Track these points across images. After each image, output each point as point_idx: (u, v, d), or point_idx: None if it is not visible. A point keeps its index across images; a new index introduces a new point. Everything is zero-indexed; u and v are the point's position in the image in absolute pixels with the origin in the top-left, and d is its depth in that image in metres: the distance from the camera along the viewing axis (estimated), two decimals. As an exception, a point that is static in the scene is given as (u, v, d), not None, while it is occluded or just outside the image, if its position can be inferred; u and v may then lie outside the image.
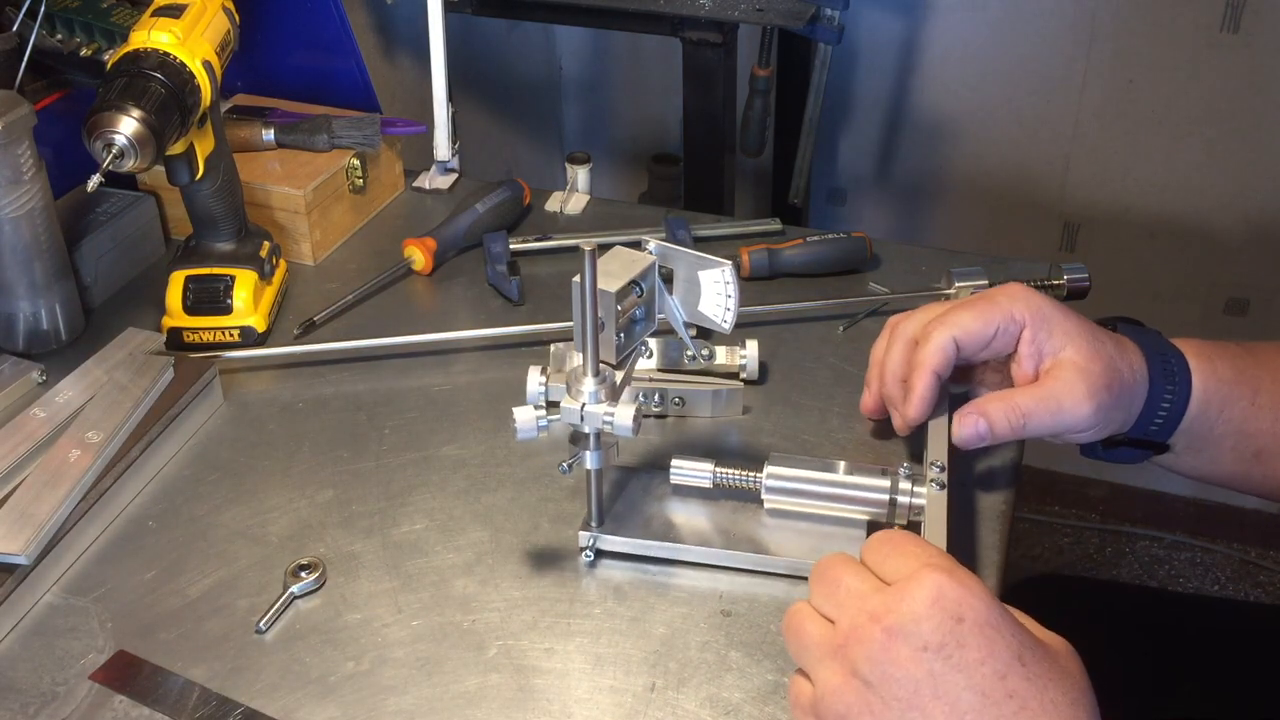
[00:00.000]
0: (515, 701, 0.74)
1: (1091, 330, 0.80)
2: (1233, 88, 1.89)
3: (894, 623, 0.57)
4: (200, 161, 1.01)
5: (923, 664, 0.56)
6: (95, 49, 1.12)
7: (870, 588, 0.59)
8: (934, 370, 0.81)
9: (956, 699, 0.55)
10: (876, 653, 0.57)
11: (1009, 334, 0.80)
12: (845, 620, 0.59)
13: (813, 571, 0.63)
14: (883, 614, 0.57)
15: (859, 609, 0.58)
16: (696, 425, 0.97)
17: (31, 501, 0.83)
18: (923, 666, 0.56)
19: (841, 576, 0.60)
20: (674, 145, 2.17)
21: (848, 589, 0.60)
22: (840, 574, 0.61)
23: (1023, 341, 0.80)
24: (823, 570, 0.62)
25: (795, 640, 0.62)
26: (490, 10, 1.68)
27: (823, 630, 0.60)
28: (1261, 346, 0.84)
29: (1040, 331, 0.79)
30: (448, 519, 0.88)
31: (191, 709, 0.74)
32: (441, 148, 1.29)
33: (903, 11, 1.99)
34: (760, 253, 1.13)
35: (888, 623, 0.57)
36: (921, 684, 0.56)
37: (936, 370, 0.81)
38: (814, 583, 0.62)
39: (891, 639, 0.57)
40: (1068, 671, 0.57)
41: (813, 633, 0.61)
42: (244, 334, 1.06)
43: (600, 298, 0.73)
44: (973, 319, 0.80)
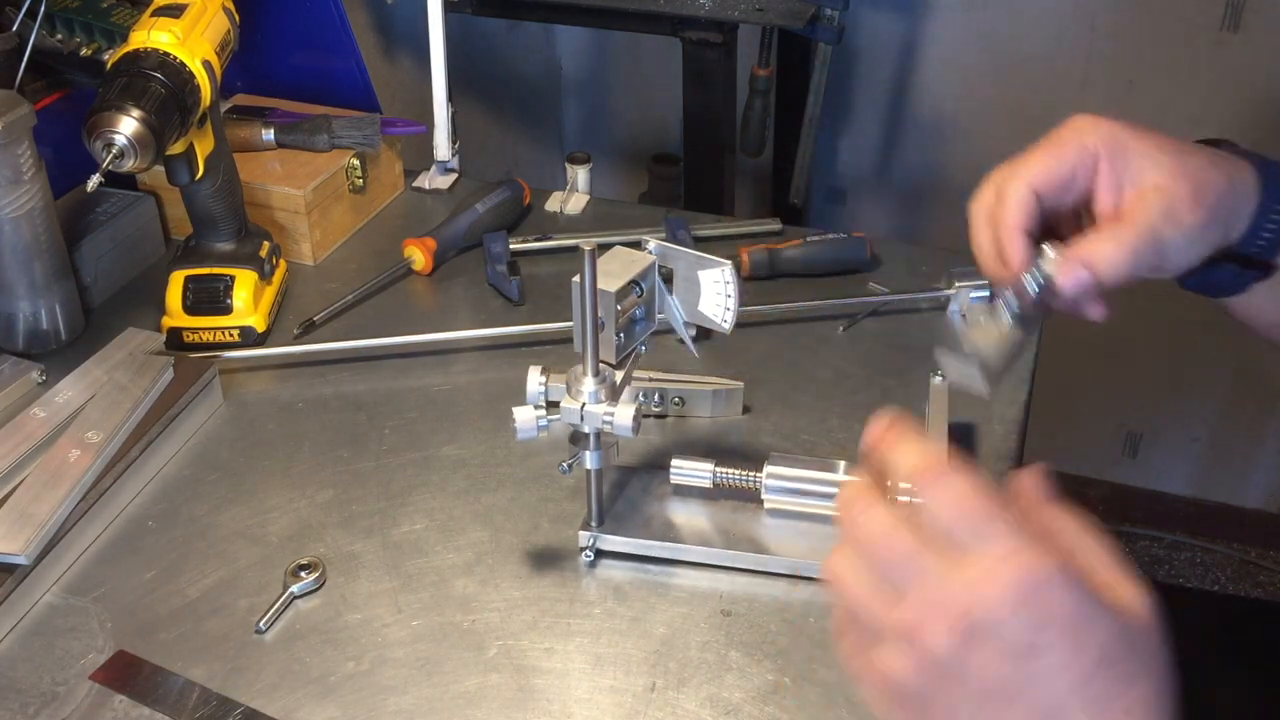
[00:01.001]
0: (515, 701, 0.74)
1: (1175, 146, 0.72)
2: (1233, 88, 1.89)
3: (974, 622, 0.50)
4: (200, 161, 1.01)
5: (1004, 666, 0.50)
6: (95, 49, 1.12)
7: (939, 564, 0.51)
8: (1019, 228, 0.72)
9: (1035, 703, 0.51)
10: (954, 650, 0.50)
11: (1087, 168, 0.72)
12: (912, 607, 0.52)
13: (847, 512, 0.54)
14: (959, 608, 0.50)
15: (929, 595, 0.51)
16: (696, 425, 0.97)
17: (31, 501, 0.83)
18: (1004, 668, 0.50)
19: (895, 540, 0.52)
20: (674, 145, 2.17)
21: (907, 558, 0.52)
22: (893, 537, 0.52)
23: (1100, 174, 0.72)
24: (867, 523, 0.53)
25: (844, 598, 0.54)
26: (490, 10, 1.68)
27: (882, 604, 0.53)
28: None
29: (1118, 160, 0.71)
30: (448, 519, 0.88)
31: (191, 709, 0.74)
32: (441, 148, 1.29)
33: (903, 11, 1.99)
34: (760, 253, 1.13)
35: (967, 622, 0.50)
36: (1002, 684, 0.51)
37: (1022, 227, 0.72)
38: (856, 534, 0.54)
39: (971, 639, 0.50)
40: (1149, 651, 0.52)
41: (869, 604, 0.53)
42: (244, 334, 1.06)
43: (600, 298, 0.73)
44: (1043, 159, 0.72)
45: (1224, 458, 2.21)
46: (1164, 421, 2.19)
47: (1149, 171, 0.71)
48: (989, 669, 0.50)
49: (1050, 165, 0.72)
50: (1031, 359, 1.03)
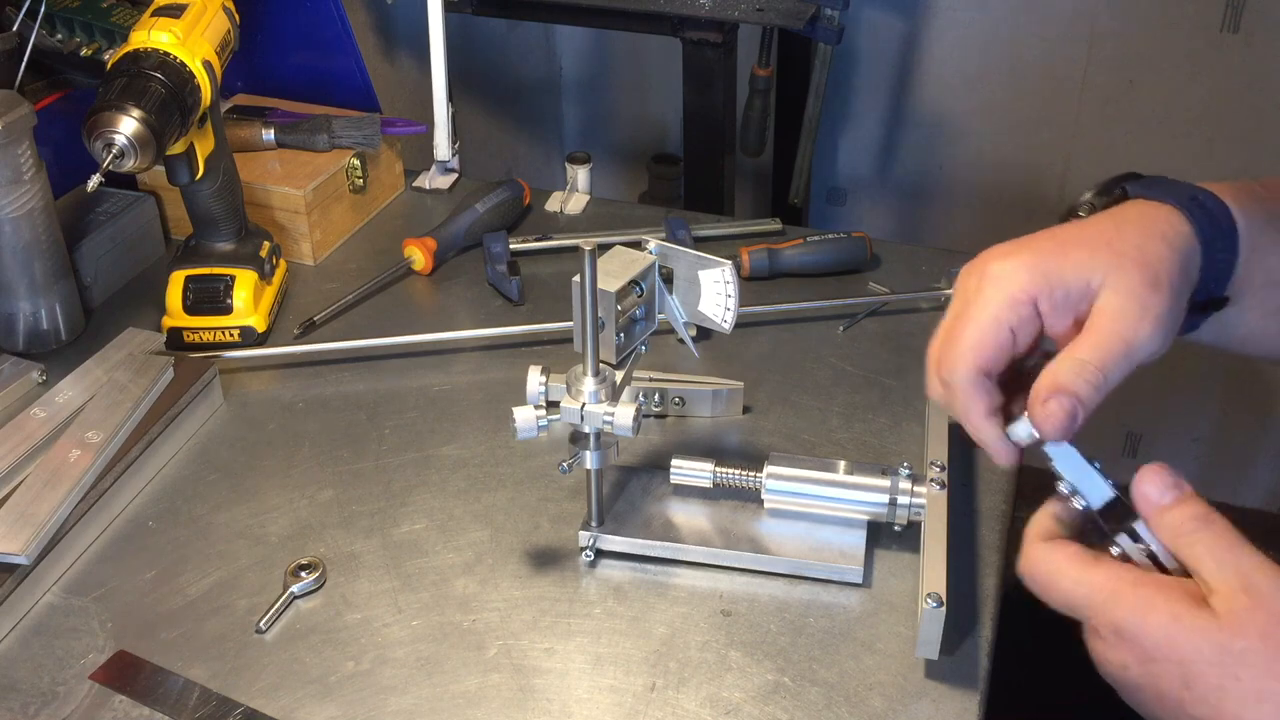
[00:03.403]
0: (515, 701, 0.74)
1: (1104, 236, 0.67)
2: (1233, 88, 1.89)
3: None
4: (200, 161, 1.01)
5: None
6: (95, 49, 1.12)
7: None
8: (986, 416, 0.67)
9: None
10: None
11: (1025, 319, 0.66)
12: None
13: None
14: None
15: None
16: (696, 425, 0.97)
17: (31, 501, 0.83)
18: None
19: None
20: (674, 145, 2.17)
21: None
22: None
23: (1045, 316, 0.67)
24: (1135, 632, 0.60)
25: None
26: (490, 10, 1.68)
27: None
28: (1275, 181, 0.75)
29: (1056, 291, 0.66)
30: (448, 519, 0.88)
31: (191, 709, 0.74)
32: (441, 148, 1.29)
33: (903, 11, 1.99)
34: (760, 253, 1.13)
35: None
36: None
37: (988, 413, 0.67)
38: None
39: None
40: (1243, 660, 0.57)
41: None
42: (244, 334, 1.06)
43: (600, 298, 0.73)
44: (977, 335, 0.66)
45: (1224, 458, 2.21)
46: (1164, 421, 2.19)
47: (1092, 282, 0.66)
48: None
49: (986, 338, 0.66)
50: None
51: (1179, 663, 0.58)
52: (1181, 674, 0.58)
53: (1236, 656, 0.57)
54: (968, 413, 0.67)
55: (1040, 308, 0.66)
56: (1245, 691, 0.57)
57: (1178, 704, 0.59)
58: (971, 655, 0.77)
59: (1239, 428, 2.17)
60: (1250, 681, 0.57)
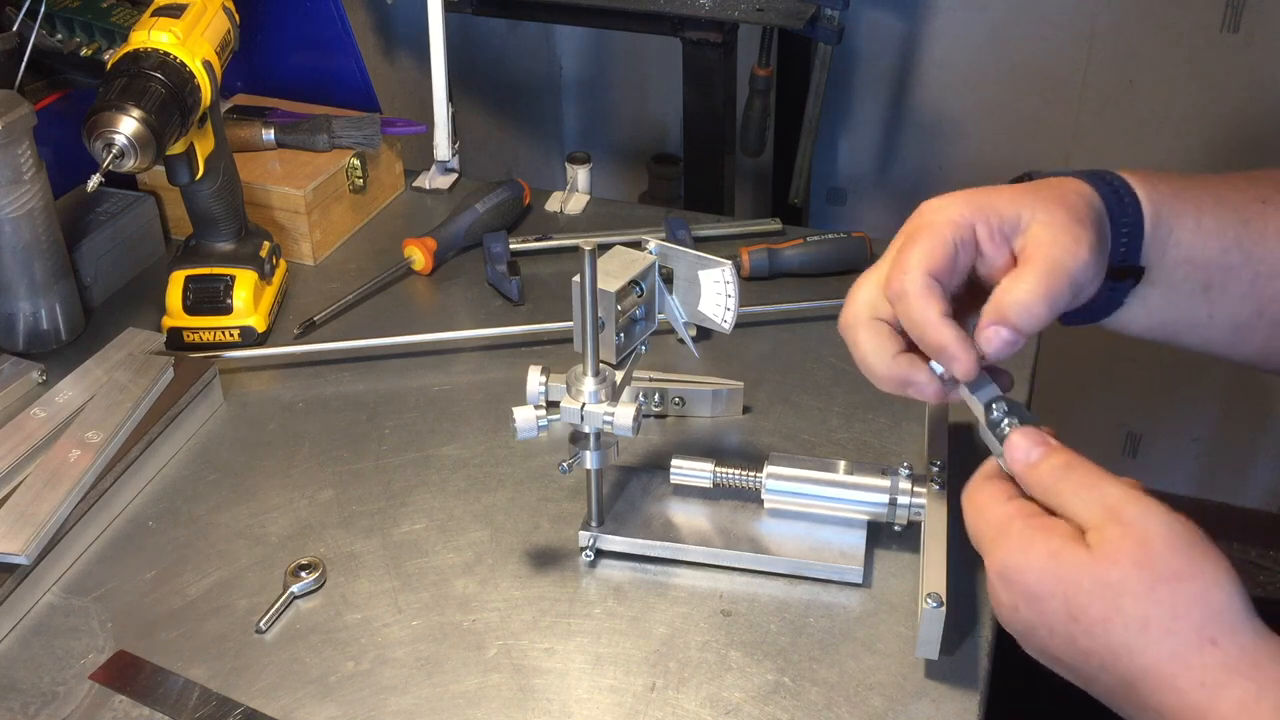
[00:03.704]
0: (515, 701, 0.74)
1: (1028, 186, 0.71)
2: (1233, 88, 1.89)
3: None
4: (200, 161, 1.01)
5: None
6: (95, 49, 1.12)
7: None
8: (942, 317, 0.67)
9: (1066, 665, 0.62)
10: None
11: (967, 241, 0.68)
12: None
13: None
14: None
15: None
16: (696, 425, 0.97)
17: (31, 501, 0.83)
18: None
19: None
20: (674, 145, 2.17)
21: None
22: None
23: (981, 240, 0.69)
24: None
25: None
26: (490, 10, 1.68)
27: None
28: (1192, 174, 0.77)
29: (992, 218, 0.68)
30: (448, 519, 0.88)
31: (191, 709, 0.74)
32: (441, 148, 1.29)
33: (903, 11, 1.99)
34: (760, 253, 1.13)
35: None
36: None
37: (945, 315, 0.67)
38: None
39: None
40: (1123, 588, 0.59)
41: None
42: (244, 334, 1.06)
43: (600, 298, 0.73)
44: (925, 246, 0.68)
45: (1224, 458, 2.21)
46: (1164, 421, 2.19)
47: (1024, 215, 0.68)
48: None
49: (935, 249, 0.68)
50: (1031, 360, 1.03)
51: (1063, 597, 0.60)
52: (1067, 608, 0.60)
53: (1116, 586, 0.58)
54: (925, 316, 0.67)
55: (978, 234, 0.69)
56: (1128, 620, 0.58)
57: (1068, 638, 0.60)
58: (971, 655, 0.77)
59: (1239, 428, 2.17)
60: (1132, 609, 0.58)
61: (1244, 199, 0.76)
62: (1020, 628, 0.63)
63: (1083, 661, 0.61)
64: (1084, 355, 2.07)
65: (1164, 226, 0.73)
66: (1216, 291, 0.75)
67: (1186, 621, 0.58)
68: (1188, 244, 0.74)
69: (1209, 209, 0.74)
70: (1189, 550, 0.59)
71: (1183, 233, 0.74)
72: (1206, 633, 0.57)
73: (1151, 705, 0.59)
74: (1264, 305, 0.76)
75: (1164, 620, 0.58)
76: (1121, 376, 2.15)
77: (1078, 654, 0.60)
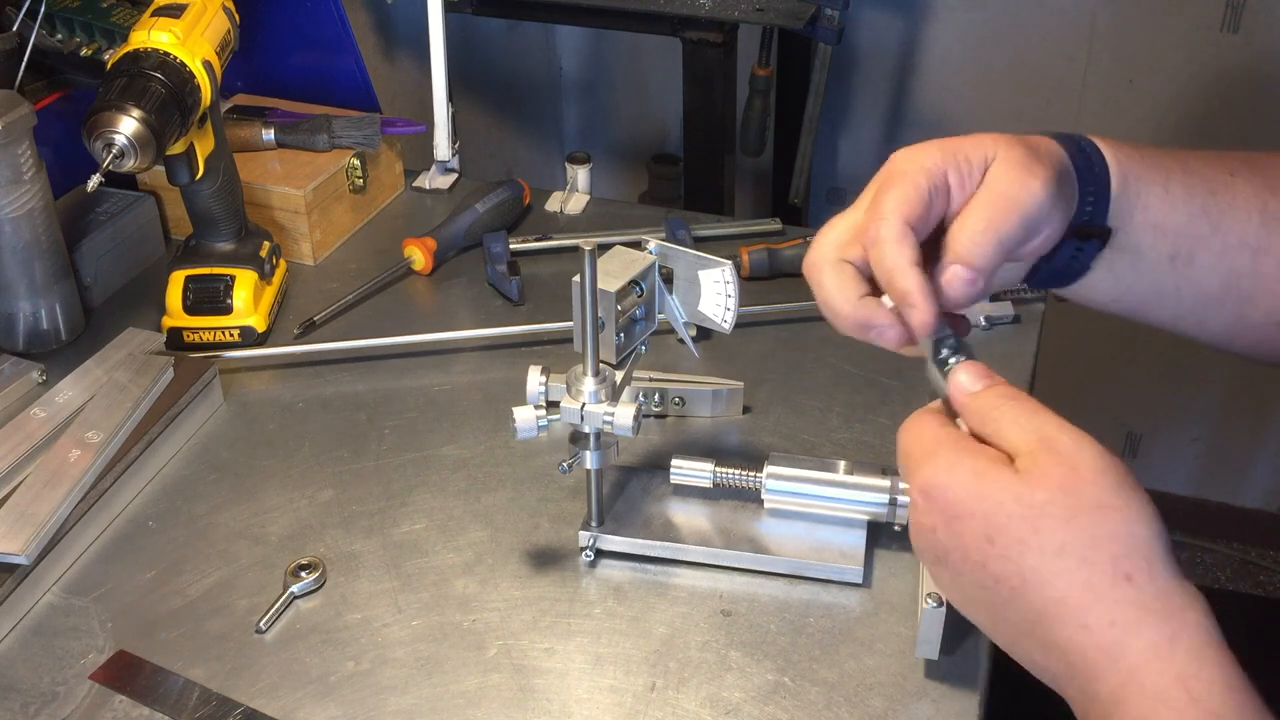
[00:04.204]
0: (515, 701, 0.74)
1: (998, 134, 0.70)
2: (1233, 88, 1.89)
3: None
4: (200, 161, 1.01)
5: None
6: (95, 49, 1.12)
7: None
8: (911, 262, 0.66)
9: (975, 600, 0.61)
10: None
11: (940, 188, 0.68)
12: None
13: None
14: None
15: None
16: (696, 425, 0.97)
17: (31, 501, 0.83)
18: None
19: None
20: (674, 145, 2.17)
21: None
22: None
23: (954, 187, 0.68)
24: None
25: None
26: (490, 10, 1.68)
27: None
28: (1162, 147, 0.77)
29: (961, 163, 0.68)
30: (448, 519, 0.88)
31: (191, 709, 0.74)
32: (441, 148, 1.29)
33: (903, 11, 1.99)
34: (760, 253, 1.13)
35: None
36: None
37: (913, 261, 0.66)
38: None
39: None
40: (1044, 512, 0.58)
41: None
42: (244, 334, 1.06)
43: (600, 298, 0.73)
44: (901, 191, 0.67)
45: (1224, 458, 2.21)
46: (1164, 421, 2.19)
47: (988, 153, 0.68)
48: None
49: (910, 196, 0.67)
50: (1031, 359, 1.04)
51: (983, 516, 0.59)
52: (985, 528, 0.58)
53: (1038, 508, 0.57)
54: (897, 262, 0.66)
55: (950, 180, 0.68)
56: (1045, 543, 0.57)
57: (980, 562, 0.59)
58: (971, 655, 0.77)
59: (1239, 428, 2.17)
60: (1050, 533, 0.57)
61: (1213, 170, 0.76)
62: (935, 553, 0.61)
63: (992, 591, 0.59)
64: (1084, 355, 2.07)
65: (1131, 190, 0.73)
66: (1183, 261, 0.75)
67: (1104, 553, 0.56)
68: (1155, 209, 0.73)
69: (1177, 176, 0.74)
70: (1117, 485, 0.58)
71: (1150, 198, 0.73)
72: (1122, 567, 0.56)
73: (1058, 642, 0.57)
74: (1232, 278, 0.75)
75: (1081, 548, 0.57)
76: (1121, 376, 2.15)
77: (988, 580, 0.59)
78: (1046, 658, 0.58)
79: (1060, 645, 0.57)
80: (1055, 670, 0.58)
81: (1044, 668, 0.59)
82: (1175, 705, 0.54)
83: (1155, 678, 0.55)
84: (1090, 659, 0.56)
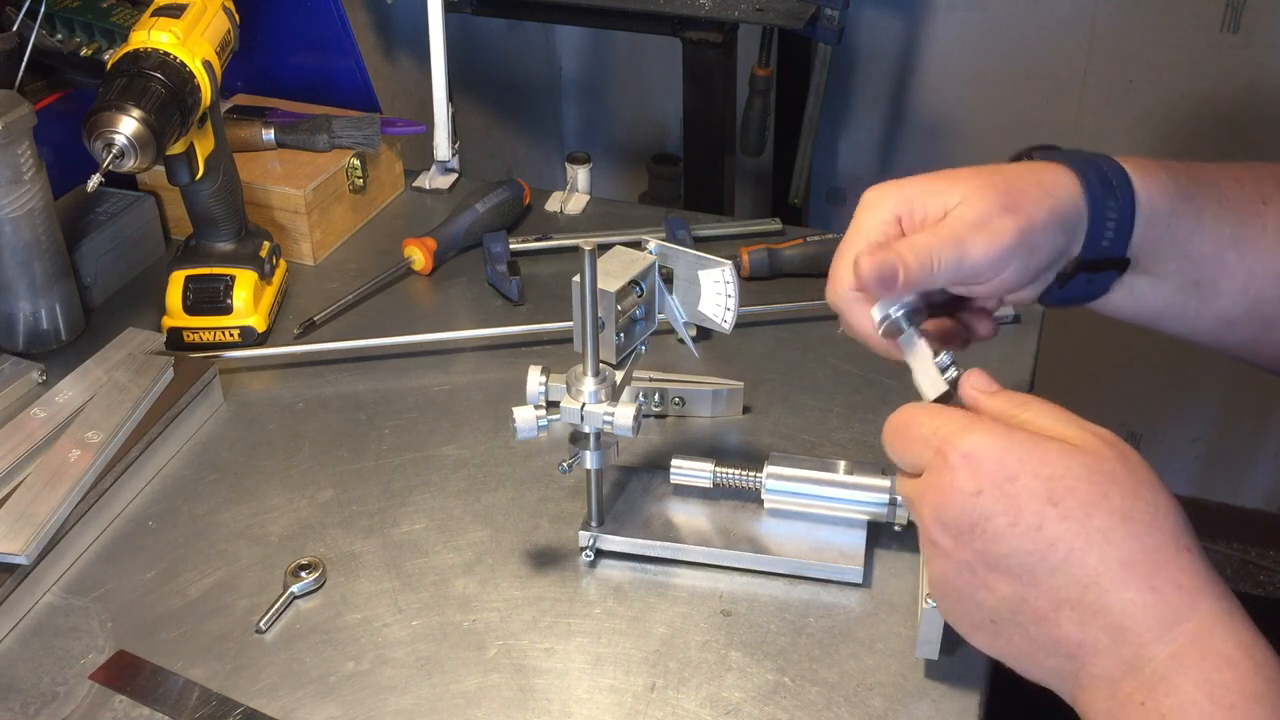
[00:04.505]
0: (515, 701, 0.74)
1: (982, 171, 0.72)
2: (1233, 88, 1.89)
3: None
4: (200, 161, 1.01)
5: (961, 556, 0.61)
6: (95, 49, 1.12)
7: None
8: (853, 297, 0.73)
9: (1006, 570, 0.59)
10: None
11: (893, 234, 0.71)
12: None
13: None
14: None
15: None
16: (696, 425, 0.97)
17: (31, 501, 0.83)
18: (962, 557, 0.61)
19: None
20: (674, 145, 2.17)
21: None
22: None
23: (906, 230, 0.71)
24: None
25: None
26: (490, 10, 1.68)
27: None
28: (1199, 165, 0.78)
29: (916, 211, 0.70)
30: (448, 519, 0.88)
31: (191, 709, 0.74)
32: (441, 148, 1.29)
33: (903, 11, 1.99)
34: (760, 253, 1.13)
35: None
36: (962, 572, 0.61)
37: (856, 297, 0.73)
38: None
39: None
40: (1112, 479, 0.59)
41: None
42: (244, 334, 1.06)
43: (600, 298, 0.73)
44: (852, 241, 0.72)
45: (1224, 458, 2.21)
46: (1164, 421, 2.19)
47: (951, 201, 0.70)
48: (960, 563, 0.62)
49: (861, 240, 0.72)
50: (1031, 359, 1.04)
51: (1046, 478, 0.58)
52: (1048, 489, 0.58)
53: (1106, 475, 0.58)
54: (863, 328, 0.74)
55: (903, 225, 0.71)
56: (1114, 507, 0.58)
57: (1036, 525, 0.58)
58: (971, 655, 0.77)
59: (1239, 428, 2.17)
60: (1118, 499, 0.58)
61: (1246, 198, 0.75)
62: (971, 519, 0.59)
63: (1040, 556, 0.58)
64: (1084, 355, 2.07)
65: (1160, 222, 0.73)
66: (1208, 288, 0.75)
67: (1166, 525, 0.58)
68: (1183, 240, 0.73)
69: (1210, 209, 0.74)
70: (1157, 478, 0.60)
71: (1179, 229, 0.73)
72: (1183, 541, 0.58)
73: (1115, 606, 0.57)
74: (1255, 305, 0.75)
75: (1146, 517, 0.58)
76: (1122, 376, 2.15)
77: (1040, 545, 0.58)
78: (1086, 630, 0.58)
79: (1117, 610, 0.57)
80: (1092, 643, 0.58)
81: (1078, 643, 0.58)
82: (1241, 669, 0.55)
83: (1220, 641, 0.56)
84: (1151, 622, 0.57)
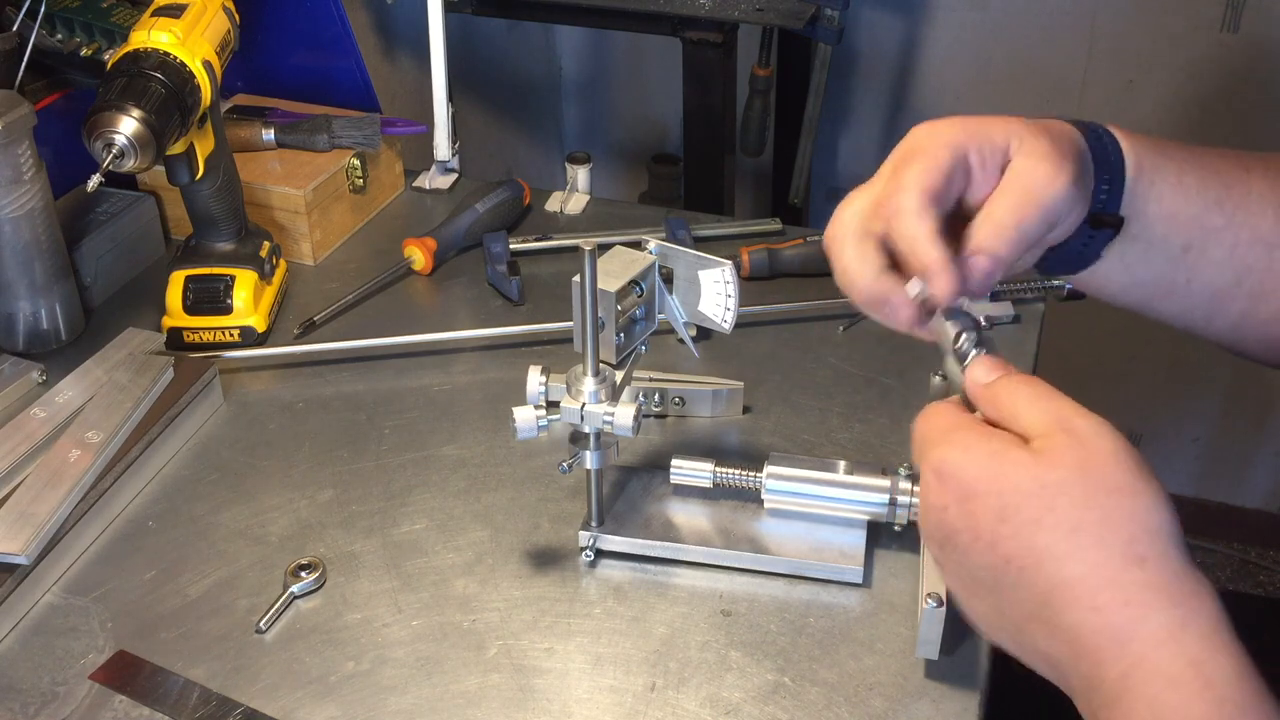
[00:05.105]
0: (515, 701, 0.74)
1: (1019, 118, 0.69)
2: (1233, 88, 1.89)
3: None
4: (200, 161, 1.01)
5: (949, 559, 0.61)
6: (95, 49, 1.12)
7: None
8: (933, 233, 0.65)
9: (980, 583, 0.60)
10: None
11: (961, 169, 0.67)
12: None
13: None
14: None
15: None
16: (696, 425, 0.97)
17: (31, 501, 0.83)
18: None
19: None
20: (674, 145, 2.17)
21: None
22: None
23: (974, 167, 0.68)
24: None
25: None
26: (490, 10, 1.68)
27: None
28: (1179, 141, 0.76)
29: (983, 143, 0.67)
30: (448, 519, 0.88)
31: (191, 709, 0.74)
32: (441, 148, 1.29)
33: (903, 11, 1.99)
34: (760, 253, 1.13)
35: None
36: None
37: (937, 236, 0.65)
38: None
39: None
40: (1061, 489, 0.57)
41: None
42: (244, 334, 1.06)
43: (600, 298, 0.73)
44: (922, 166, 0.66)
45: (1224, 458, 2.21)
46: (1164, 421, 2.19)
47: (1014, 141, 0.67)
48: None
49: (931, 171, 0.66)
50: (1031, 359, 1.04)
51: (996, 495, 0.58)
52: (998, 506, 0.58)
53: (1053, 487, 0.57)
54: (919, 231, 0.65)
55: (971, 160, 0.67)
56: (1059, 521, 0.56)
57: (991, 543, 0.58)
58: (971, 655, 0.77)
59: (1239, 428, 2.17)
60: (1065, 512, 0.56)
61: (1228, 165, 0.75)
62: (944, 534, 0.60)
63: (1000, 573, 0.58)
64: (1084, 355, 2.07)
65: (1145, 179, 0.72)
66: (1196, 253, 0.74)
67: (1118, 535, 0.56)
68: (1169, 199, 0.73)
69: (1191, 168, 0.74)
70: (1134, 470, 0.57)
71: (1164, 187, 0.73)
72: (1136, 550, 0.55)
73: (1066, 625, 0.56)
74: (1243, 273, 0.75)
75: (1095, 528, 0.56)
76: (1122, 376, 2.15)
77: (997, 561, 0.58)
78: (1051, 643, 0.57)
79: (1068, 628, 0.56)
80: (1059, 656, 0.57)
81: (1047, 654, 0.58)
82: (1186, 690, 0.53)
83: (1167, 662, 0.54)
84: (1100, 642, 0.55)
